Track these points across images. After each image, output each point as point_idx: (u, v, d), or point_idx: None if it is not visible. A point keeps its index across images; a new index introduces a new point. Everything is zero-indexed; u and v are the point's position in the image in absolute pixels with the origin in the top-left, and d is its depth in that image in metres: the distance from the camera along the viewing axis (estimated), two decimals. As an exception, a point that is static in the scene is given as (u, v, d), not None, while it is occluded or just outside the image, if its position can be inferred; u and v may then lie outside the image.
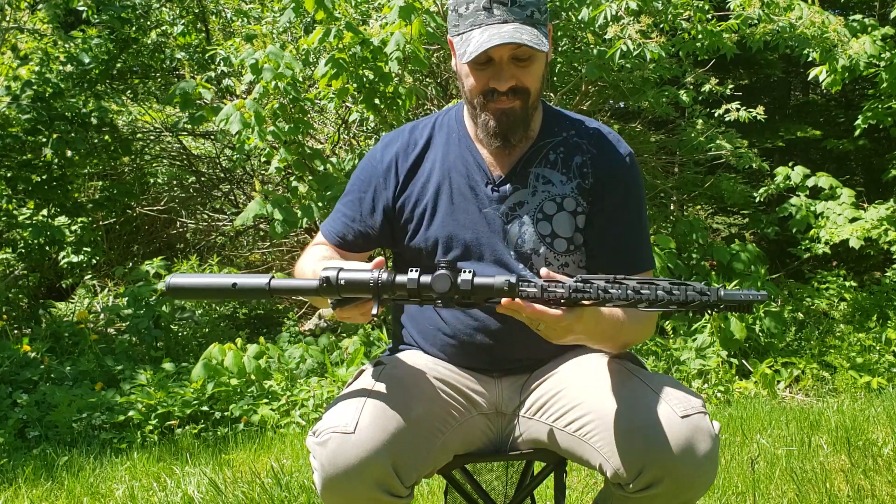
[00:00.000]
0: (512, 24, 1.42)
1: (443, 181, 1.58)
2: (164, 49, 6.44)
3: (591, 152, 1.58)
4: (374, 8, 5.05)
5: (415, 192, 1.60)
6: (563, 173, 1.57)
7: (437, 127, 1.65)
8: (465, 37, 1.44)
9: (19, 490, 2.96)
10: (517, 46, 1.42)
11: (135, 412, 3.83)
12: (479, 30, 1.42)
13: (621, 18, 4.49)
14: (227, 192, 7.37)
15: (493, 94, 1.47)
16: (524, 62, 1.46)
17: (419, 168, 1.61)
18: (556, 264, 1.56)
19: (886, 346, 5.05)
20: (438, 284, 1.25)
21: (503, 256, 1.56)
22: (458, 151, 1.60)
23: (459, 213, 1.57)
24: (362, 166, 1.67)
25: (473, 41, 1.42)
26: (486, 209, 1.56)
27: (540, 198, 1.56)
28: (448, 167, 1.59)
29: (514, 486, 1.82)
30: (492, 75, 1.45)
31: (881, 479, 2.75)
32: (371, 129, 5.73)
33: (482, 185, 1.57)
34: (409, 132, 1.66)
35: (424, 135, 1.64)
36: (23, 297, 6.06)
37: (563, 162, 1.57)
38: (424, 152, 1.62)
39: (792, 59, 5.40)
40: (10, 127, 5.47)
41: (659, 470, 1.29)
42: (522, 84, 1.47)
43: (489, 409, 1.58)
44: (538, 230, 1.55)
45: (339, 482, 1.28)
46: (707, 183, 6.83)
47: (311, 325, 5.84)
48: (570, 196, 1.56)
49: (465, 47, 1.43)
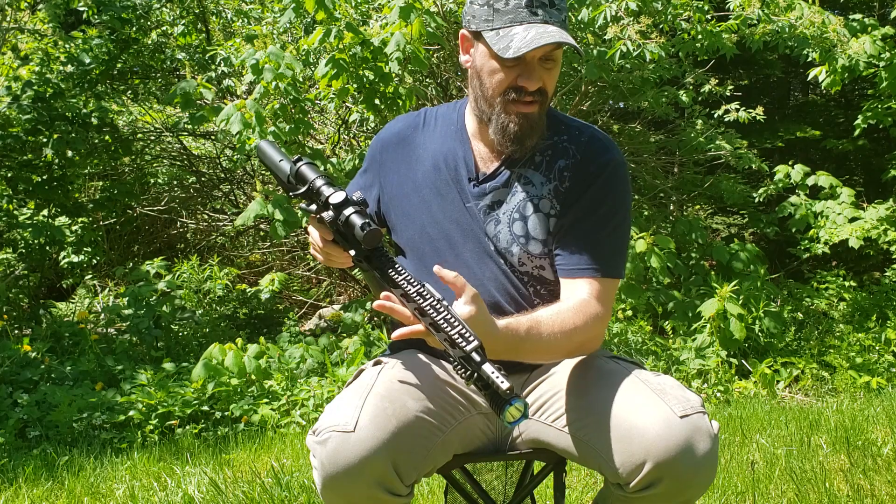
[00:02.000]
0: (552, 25, 1.43)
1: (431, 170, 1.62)
2: (165, 49, 6.44)
3: (576, 157, 1.56)
4: (375, 8, 5.05)
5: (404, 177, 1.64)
6: (545, 175, 1.57)
7: (439, 117, 1.68)
8: (502, 32, 1.43)
9: (20, 490, 2.96)
10: (556, 47, 1.44)
11: (135, 412, 3.83)
12: (522, 27, 1.42)
13: (621, 19, 4.49)
14: (227, 192, 7.38)
15: (520, 93, 1.47)
16: (550, 65, 1.47)
17: (414, 153, 1.65)
18: (529, 265, 1.57)
19: (886, 346, 5.06)
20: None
21: (487, 248, 1.58)
22: (450, 144, 1.62)
23: (445, 203, 1.60)
24: (372, 142, 1.75)
25: (517, 37, 1.41)
26: (469, 203, 1.59)
27: (519, 198, 1.57)
28: (440, 157, 1.62)
29: (513, 486, 1.82)
30: (521, 73, 1.46)
31: (880, 478, 2.75)
32: (371, 130, 5.74)
33: (465, 179, 1.59)
34: (414, 116, 1.71)
35: (428, 121, 1.68)
36: (23, 297, 6.06)
37: (546, 164, 1.57)
38: (422, 138, 1.66)
39: (791, 59, 5.40)
40: (10, 127, 5.47)
41: (658, 470, 1.29)
42: (545, 87, 1.49)
43: (489, 409, 1.58)
44: (513, 230, 1.56)
45: (339, 481, 1.29)
46: (706, 183, 6.84)
47: (311, 325, 5.85)
48: (545, 197, 1.55)
49: (505, 42, 1.42)
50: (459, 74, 5.89)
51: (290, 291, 6.79)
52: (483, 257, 1.58)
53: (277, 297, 6.37)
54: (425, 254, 1.61)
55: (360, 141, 6.09)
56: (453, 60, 5.80)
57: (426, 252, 1.61)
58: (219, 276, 6.10)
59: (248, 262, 7.58)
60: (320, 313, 5.95)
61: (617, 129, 6.79)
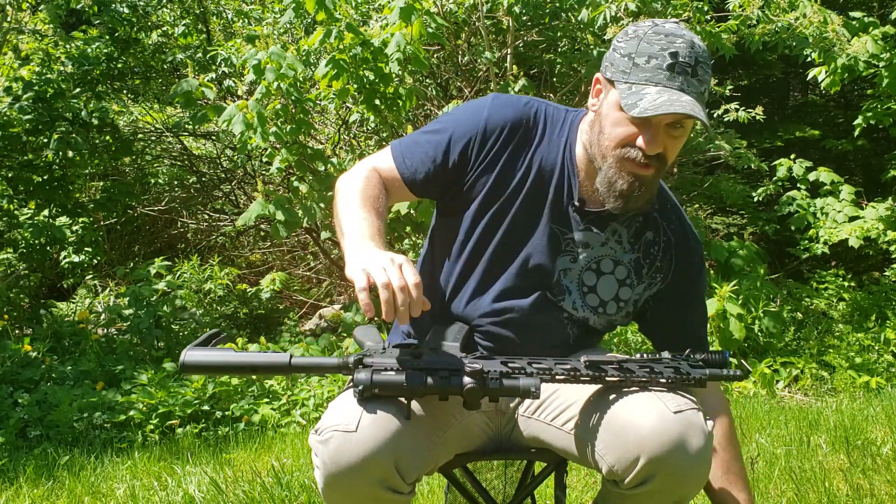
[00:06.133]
0: (688, 95, 1.37)
1: (528, 178, 1.52)
2: (165, 50, 6.45)
3: (668, 238, 1.58)
4: (375, 9, 5.06)
5: (497, 173, 1.52)
6: (631, 243, 1.56)
7: (549, 120, 1.56)
8: (635, 88, 1.38)
9: (20, 490, 2.97)
10: (686, 117, 1.38)
11: (136, 412, 3.84)
12: (656, 88, 1.37)
13: (621, 19, 4.50)
14: (227, 192, 7.39)
15: (636, 153, 1.41)
16: (678, 133, 1.42)
17: (517, 151, 1.53)
18: (577, 314, 1.55)
19: (885, 346, 5.06)
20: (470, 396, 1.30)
21: (548, 272, 1.53)
22: (556, 156, 1.53)
23: (526, 216, 1.52)
24: (464, 114, 1.56)
25: (648, 97, 1.36)
26: (554, 224, 1.53)
27: (603, 251, 1.54)
28: (542, 167, 1.52)
29: (514, 485, 1.83)
30: (643, 133, 1.39)
31: (880, 478, 2.76)
32: (371, 130, 5.75)
33: (564, 200, 1.53)
34: (524, 106, 1.55)
35: (538, 121, 1.55)
36: (24, 297, 6.07)
37: (636, 231, 1.56)
38: (528, 138, 1.54)
39: (791, 59, 5.40)
40: (11, 127, 5.48)
41: (651, 465, 1.30)
42: (666, 154, 1.43)
43: (489, 407, 1.59)
44: (582, 279, 1.54)
45: (341, 480, 1.29)
46: (706, 183, 6.84)
47: (311, 324, 5.86)
48: (623, 265, 1.56)
49: (634, 98, 1.37)
50: (460, 74, 5.90)
51: (291, 291, 6.80)
52: (541, 275, 1.53)
53: (278, 297, 6.38)
54: (481, 260, 1.54)
55: (361, 141, 6.10)
56: (453, 61, 5.81)
57: (484, 259, 1.54)
58: (219, 276, 6.11)
59: (248, 262, 7.58)
60: (321, 313, 5.95)
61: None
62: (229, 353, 1.36)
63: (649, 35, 1.40)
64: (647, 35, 1.40)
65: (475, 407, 1.31)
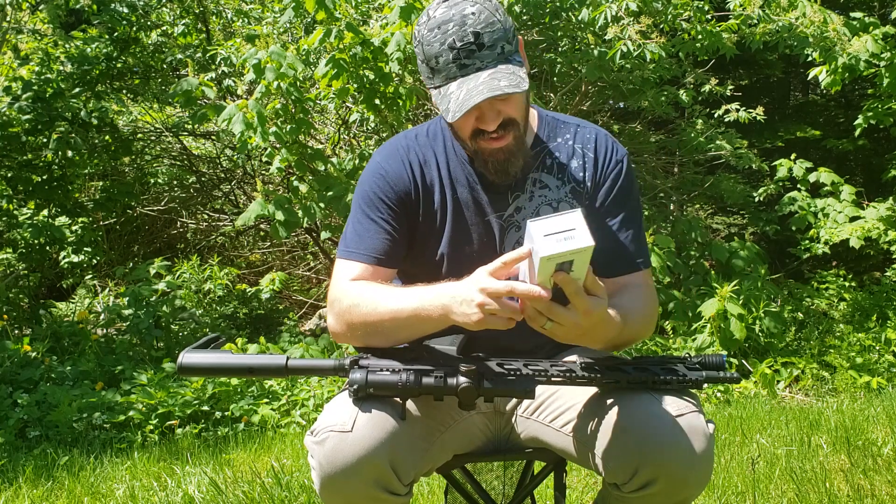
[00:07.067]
0: (486, 70, 1.37)
1: (448, 194, 1.56)
2: (165, 49, 6.44)
3: (588, 157, 1.57)
4: (375, 8, 5.05)
5: (426, 208, 1.56)
6: (559, 178, 1.57)
7: (431, 138, 1.59)
8: (443, 90, 1.40)
9: (20, 490, 2.97)
10: (487, 100, 1.37)
11: (135, 412, 3.83)
12: (456, 83, 1.38)
13: (621, 19, 4.50)
14: (227, 192, 7.38)
15: (483, 134, 1.44)
16: (503, 97, 1.41)
17: (426, 182, 1.57)
18: None
19: (886, 346, 5.06)
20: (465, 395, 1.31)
21: None
22: (456, 161, 1.58)
23: (465, 224, 1.56)
24: (365, 184, 1.57)
25: (453, 97, 1.38)
26: (489, 217, 1.56)
27: (537, 202, 1.56)
28: (452, 179, 1.57)
29: (513, 486, 1.82)
30: (476, 120, 1.43)
31: (881, 478, 2.75)
32: (371, 130, 5.74)
33: (483, 193, 1.56)
34: (405, 148, 1.58)
35: (425, 148, 1.59)
36: (23, 297, 6.06)
37: (558, 167, 1.57)
38: (428, 167, 1.57)
39: (792, 59, 5.40)
40: (10, 127, 5.48)
41: (653, 469, 1.29)
42: (508, 116, 1.43)
43: (487, 409, 1.59)
44: None
45: (337, 480, 1.29)
46: (707, 183, 6.84)
47: (311, 325, 5.85)
48: (564, 200, 1.56)
49: (445, 104, 1.39)
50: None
51: (291, 291, 6.80)
52: None
53: (277, 297, 6.38)
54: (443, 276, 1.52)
55: (361, 141, 6.09)
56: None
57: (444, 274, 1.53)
58: (219, 276, 6.11)
59: (248, 262, 7.58)
60: (320, 313, 5.95)
61: (617, 129, 6.79)
62: (226, 355, 1.39)
63: (425, 35, 1.41)
64: (424, 37, 1.41)
65: (470, 407, 1.32)
